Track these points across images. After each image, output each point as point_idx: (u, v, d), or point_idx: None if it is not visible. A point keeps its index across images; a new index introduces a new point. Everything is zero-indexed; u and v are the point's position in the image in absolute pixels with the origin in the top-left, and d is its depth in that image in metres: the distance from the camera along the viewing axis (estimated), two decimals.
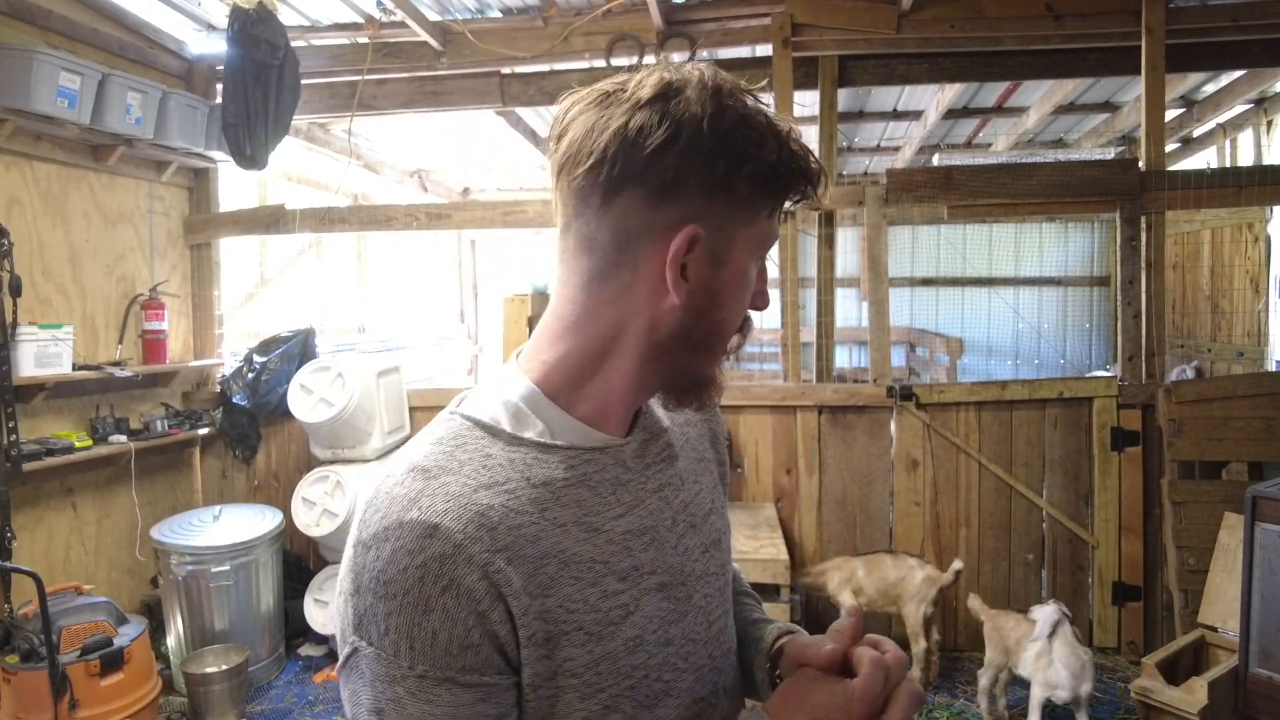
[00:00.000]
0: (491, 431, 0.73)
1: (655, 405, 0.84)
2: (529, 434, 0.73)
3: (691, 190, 0.68)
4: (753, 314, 0.78)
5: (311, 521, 3.64)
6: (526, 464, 0.71)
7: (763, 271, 0.77)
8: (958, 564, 3.39)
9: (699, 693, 0.78)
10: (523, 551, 0.67)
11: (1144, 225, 3.73)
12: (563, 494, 0.72)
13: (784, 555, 3.26)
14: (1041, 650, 2.88)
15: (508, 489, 0.69)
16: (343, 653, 0.68)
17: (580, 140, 0.69)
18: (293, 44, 3.69)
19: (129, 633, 2.92)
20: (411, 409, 4.20)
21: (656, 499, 0.79)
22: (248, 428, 4.20)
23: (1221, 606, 3.13)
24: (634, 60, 4.01)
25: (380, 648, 0.64)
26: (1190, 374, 5.63)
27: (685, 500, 0.82)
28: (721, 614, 0.83)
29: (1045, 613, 2.89)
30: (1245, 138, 5.38)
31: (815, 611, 3.79)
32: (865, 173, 7.78)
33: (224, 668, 3.29)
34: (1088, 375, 6.24)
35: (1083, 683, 2.82)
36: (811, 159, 0.72)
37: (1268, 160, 5.06)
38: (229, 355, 4.39)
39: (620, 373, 0.74)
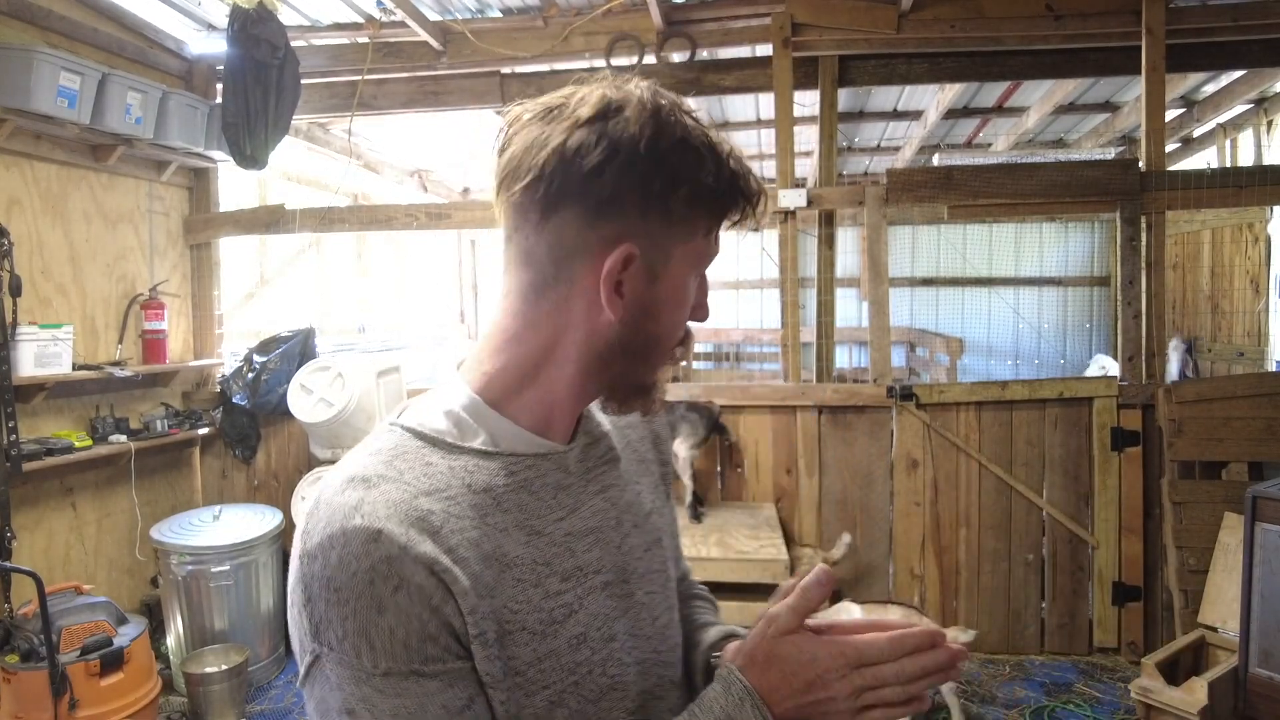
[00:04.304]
0: (432, 441, 0.73)
1: (596, 409, 0.85)
2: (471, 443, 0.74)
3: (628, 209, 0.69)
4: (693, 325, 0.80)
5: None
6: (468, 471, 0.72)
7: (703, 284, 0.78)
8: (846, 537, 3.38)
9: (644, 686, 0.79)
10: (465, 555, 0.68)
11: (1144, 225, 3.73)
12: (504, 499, 0.73)
13: (784, 556, 3.26)
14: None
15: (448, 495, 0.70)
16: (304, 663, 0.68)
17: (520, 156, 0.70)
18: (293, 44, 3.68)
19: (129, 633, 2.92)
20: None
21: (600, 500, 0.81)
22: (248, 428, 4.20)
23: (1222, 606, 3.13)
24: (634, 60, 4.00)
25: (341, 651, 0.64)
26: (1182, 347, 5.67)
27: (629, 501, 0.84)
28: (665, 609, 0.85)
29: None
30: (1245, 138, 5.38)
31: None
32: (865, 173, 7.78)
33: (224, 668, 3.29)
34: (1086, 372, 6.24)
35: None
36: (751, 179, 0.73)
37: (1268, 160, 5.06)
38: (229, 355, 4.38)
39: (561, 382, 0.75)
